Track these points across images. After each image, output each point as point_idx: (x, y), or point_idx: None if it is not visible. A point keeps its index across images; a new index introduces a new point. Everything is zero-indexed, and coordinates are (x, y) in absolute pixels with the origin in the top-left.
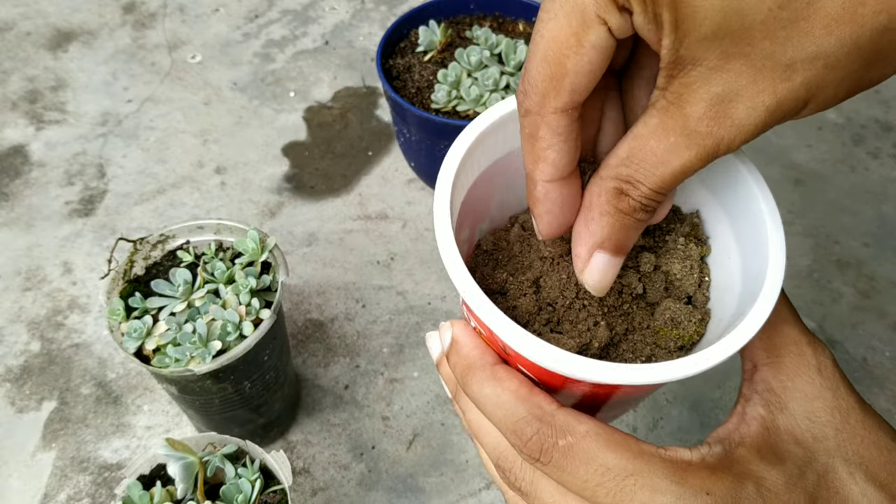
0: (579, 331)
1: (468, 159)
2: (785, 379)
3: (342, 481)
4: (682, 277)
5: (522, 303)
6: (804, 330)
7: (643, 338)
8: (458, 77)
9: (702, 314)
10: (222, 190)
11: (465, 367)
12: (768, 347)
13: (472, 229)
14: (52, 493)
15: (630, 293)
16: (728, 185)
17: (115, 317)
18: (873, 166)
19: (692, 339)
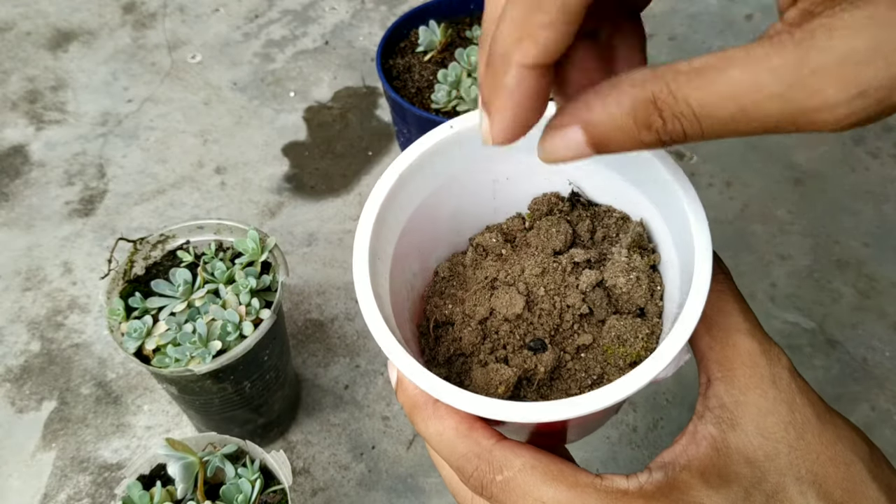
0: (524, 356)
1: (393, 201)
2: (737, 393)
3: (342, 481)
4: (629, 290)
5: (466, 334)
6: (761, 338)
7: (594, 356)
8: (458, 77)
9: (651, 327)
10: (222, 190)
11: (411, 406)
12: (721, 360)
13: (422, 261)
14: (52, 493)
15: (574, 314)
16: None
17: (115, 317)
18: (873, 166)
19: (640, 354)
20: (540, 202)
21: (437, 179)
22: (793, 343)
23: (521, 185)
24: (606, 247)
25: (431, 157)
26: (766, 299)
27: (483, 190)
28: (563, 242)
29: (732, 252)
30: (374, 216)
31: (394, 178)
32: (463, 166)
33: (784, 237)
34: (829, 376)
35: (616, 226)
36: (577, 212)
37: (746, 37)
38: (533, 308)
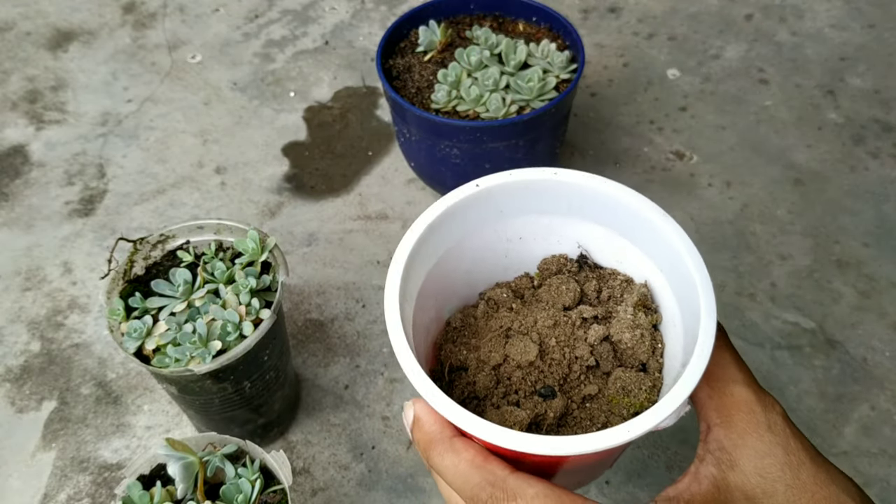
0: (534, 402)
1: (419, 250)
2: (736, 437)
3: (342, 481)
4: (634, 346)
5: (480, 378)
6: (756, 388)
7: (599, 406)
8: (458, 77)
9: (653, 381)
10: (222, 190)
11: (427, 442)
12: (719, 408)
13: (438, 309)
14: (52, 493)
15: (582, 365)
16: (667, 258)
17: (115, 317)
18: (873, 166)
19: (643, 405)
20: (549, 262)
21: (459, 233)
22: (793, 343)
23: (532, 245)
24: (612, 306)
25: (455, 212)
26: (766, 299)
27: (497, 248)
28: (573, 299)
29: (732, 252)
30: (405, 261)
31: (423, 228)
32: (482, 223)
33: (784, 237)
34: (829, 376)
35: (620, 287)
36: (585, 273)
37: (746, 37)
38: (545, 357)
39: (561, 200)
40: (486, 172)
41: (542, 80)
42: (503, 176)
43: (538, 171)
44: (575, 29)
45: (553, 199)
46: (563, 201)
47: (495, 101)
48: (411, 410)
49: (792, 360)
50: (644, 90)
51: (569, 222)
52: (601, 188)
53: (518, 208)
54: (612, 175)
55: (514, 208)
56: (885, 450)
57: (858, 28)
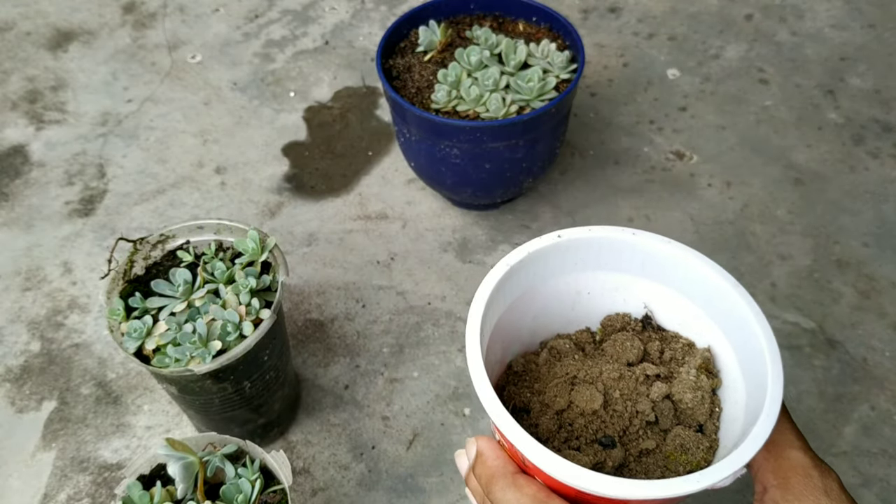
0: (595, 450)
1: (499, 290)
2: (792, 499)
3: (342, 481)
4: (694, 407)
5: (543, 421)
6: (812, 455)
7: (655, 461)
8: (458, 77)
9: (710, 442)
10: (222, 190)
11: (490, 476)
12: (776, 470)
13: (503, 352)
14: (52, 493)
15: (643, 419)
16: (734, 324)
17: (115, 317)
18: (873, 166)
19: (700, 465)
20: (613, 319)
21: (534, 279)
22: (793, 343)
23: (599, 301)
24: (674, 367)
25: (535, 259)
26: (766, 299)
27: (566, 298)
28: (636, 356)
29: (732, 252)
30: (487, 298)
31: (505, 269)
32: (556, 273)
33: (784, 237)
34: (829, 376)
35: (682, 350)
36: (648, 333)
37: (746, 37)
38: (608, 408)
39: (635, 260)
40: (487, 172)
41: (542, 80)
42: (584, 231)
43: (618, 231)
44: (575, 29)
45: (628, 257)
46: (637, 261)
47: (495, 101)
48: (474, 447)
49: (792, 360)
50: (644, 90)
51: (638, 282)
52: (675, 253)
53: (593, 263)
54: (612, 175)
55: (589, 263)
56: (885, 450)
57: (858, 28)
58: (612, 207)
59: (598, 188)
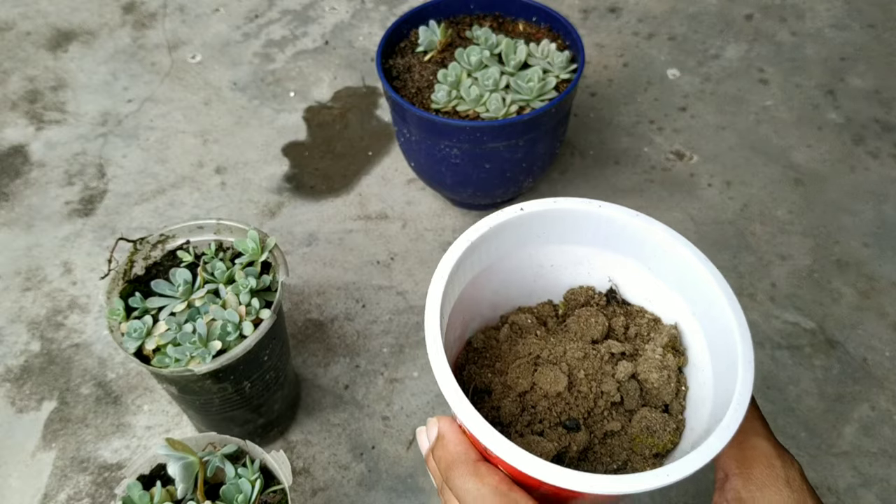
0: (559, 434)
1: (460, 266)
2: (754, 489)
3: (342, 481)
4: (660, 386)
5: (506, 404)
6: (775, 443)
7: (620, 443)
8: (458, 77)
9: (677, 423)
10: (222, 190)
11: (450, 462)
12: (739, 459)
13: (463, 328)
14: (52, 493)
15: (608, 400)
16: (703, 302)
17: (115, 317)
18: (873, 166)
19: (666, 447)
20: (577, 293)
21: (496, 254)
22: (793, 343)
23: (561, 274)
24: (639, 343)
25: (498, 232)
26: (766, 299)
27: (527, 272)
28: (601, 333)
29: (732, 252)
30: (446, 278)
31: (465, 245)
32: (517, 246)
33: (784, 237)
34: (829, 376)
35: (647, 326)
36: (612, 307)
37: (746, 37)
38: (572, 389)
39: (599, 233)
40: (486, 172)
41: (542, 80)
42: (548, 202)
43: (582, 202)
44: (575, 29)
45: (593, 230)
46: (601, 234)
47: (495, 101)
48: (435, 427)
49: (792, 360)
50: (644, 90)
51: (603, 255)
52: (643, 226)
53: (557, 236)
54: (612, 175)
55: (552, 235)
56: (885, 450)
57: (858, 28)
58: None
59: (598, 188)
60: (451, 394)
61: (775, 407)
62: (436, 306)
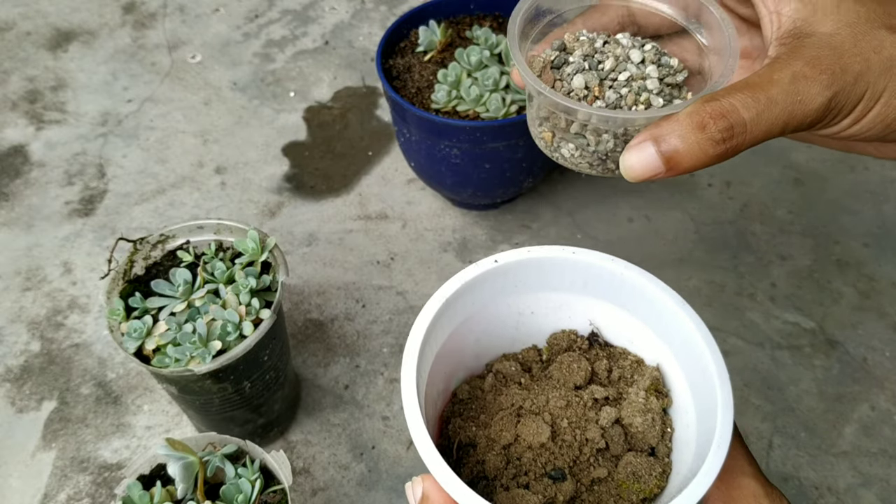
0: (545, 485)
1: (436, 323)
2: None
3: (342, 481)
4: (644, 430)
5: (490, 458)
6: (763, 481)
7: (608, 490)
8: (458, 77)
9: (663, 466)
10: (222, 190)
11: None
12: (727, 500)
13: (447, 381)
14: (52, 493)
15: (593, 447)
16: (682, 344)
17: (115, 317)
18: (873, 166)
19: (653, 491)
20: (559, 338)
21: (473, 307)
22: (793, 343)
23: (543, 320)
24: (622, 386)
25: (473, 287)
26: (766, 299)
27: (508, 320)
28: (584, 378)
29: (732, 252)
30: (421, 339)
31: (440, 303)
32: (495, 297)
33: (784, 237)
34: (829, 376)
35: (631, 368)
36: (595, 351)
37: None
38: (556, 438)
39: (577, 278)
40: (487, 172)
41: None
42: (521, 252)
43: (556, 250)
44: None
45: (570, 276)
46: (579, 280)
47: (495, 101)
48: (420, 487)
49: (792, 360)
50: None
51: (582, 300)
52: (618, 270)
53: (534, 284)
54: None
55: (529, 284)
56: (885, 450)
57: None
58: (612, 207)
59: (598, 188)
60: (430, 459)
61: (775, 407)
62: (412, 367)
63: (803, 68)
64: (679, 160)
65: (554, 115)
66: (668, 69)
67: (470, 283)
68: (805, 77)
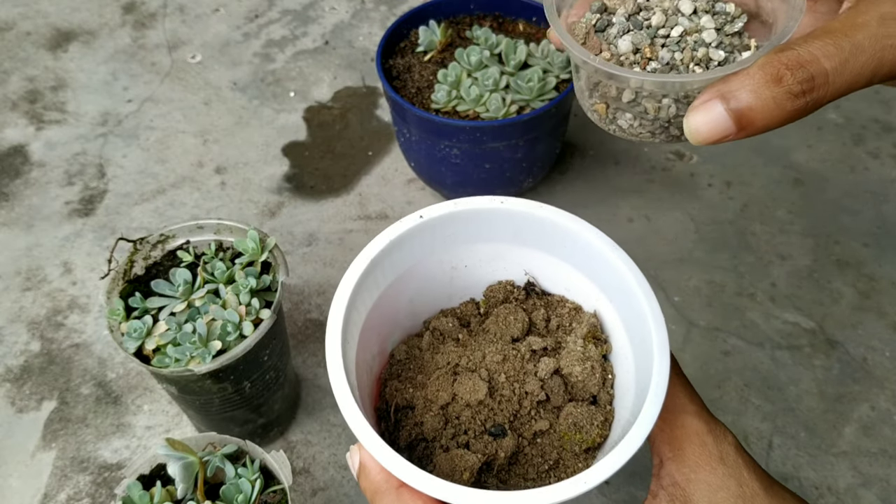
0: (485, 442)
1: (362, 284)
2: (688, 472)
3: (342, 481)
4: (584, 378)
5: (428, 419)
6: (706, 418)
7: (550, 442)
8: (458, 77)
9: (605, 415)
10: (222, 190)
11: (373, 492)
12: (671, 441)
13: (381, 343)
14: (52, 493)
15: (532, 400)
16: (616, 289)
17: (115, 317)
18: (873, 166)
19: (595, 441)
20: (496, 290)
21: (403, 265)
22: (793, 343)
23: (477, 272)
24: (561, 335)
25: (400, 244)
26: (766, 299)
27: (441, 276)
28: (521, 330)
29: (732, 252)
30: (346, 300)
31: (365, 263)
32: (426, 253)
33: (784, 237)
34: (829, 376)
35: (569, 315)
36: (532, 300)
37: None
38: (494, 394)
39: (508, 228)
40: (487, 172)
41: (542, 80)
42: (448, 206)
43: (485, 200)
44: None
45: (500, 227)
46: (510, 229)
47: (495, 101)
48: (357, 456)
49: (792, 360)
50: None
51: (515, 249)
52: (549, 217)
53: (464, 237)
54: (612, 175)
55: (459, 237)
56: (885, 450)
57: None
58: (612, 208)
59: (598, 188)
60: (356, 426)
61: (775, 407)
62: (336, 334)
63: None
64: (752, 118)
65: (604, 85)
66: (724, 17)
67: (396, 241)
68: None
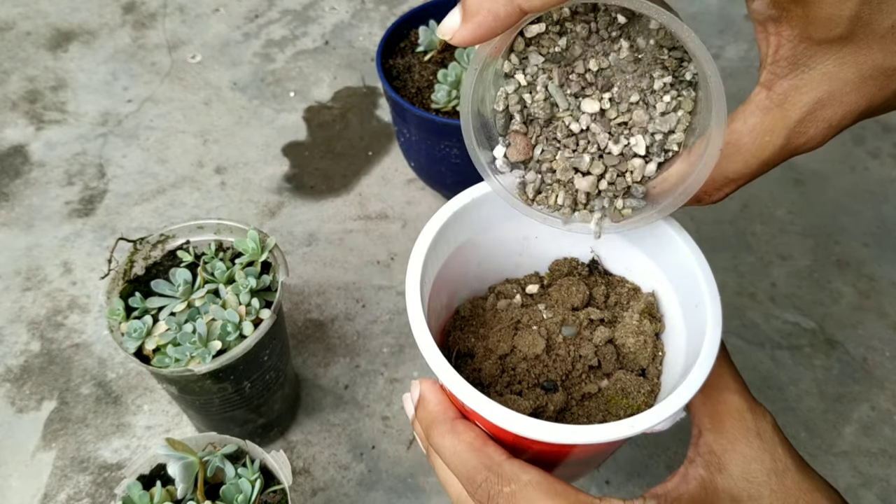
0: (537, 394)
1: (442, 236)
2: (726, 443)
3: (342, 481)
4: (636, 351)
5: (486, 366)
6: (748, 397)
7: (597, 404)
8: (458, 77)
9: (651, 386)
10: (222, 190)
11: (430, 421)
12: (712, 414)
13: (450, 297)
14: (52, 493)
15: (585, 364)
16: (678, 270)
17: (115, 317)
18: (873, 166)
19: (640, 408)
20: (561, 264)
21: (480, 224)
22: (793, 343)
23: (547, 245)
24: (618, 311)
25: (479, 204)
26: (766, 299)
27: (513, 244)
28: (581, 301)
29: (732, 252)
30: (427, 246)
31: (448, 214)
32: (501, 219)
33: (784, 237)
34: (829, 376)
35: (627, 294)
36: (594, 277)
37: (746, 37)
38: (550, 352)
39: None
40: None
41: None
42: None
43: None
44: None
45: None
46: None
47: None
48: (417, 390)
49: (792, 360)
50: None
51: None
52: None
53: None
54: None
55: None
56: (885, 450)
57: None
58: None
59: None
60: (429, 354)
61: (775, 407)
62: (417, 272)
63: None
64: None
65: None
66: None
67: (478, 200)
68: None
